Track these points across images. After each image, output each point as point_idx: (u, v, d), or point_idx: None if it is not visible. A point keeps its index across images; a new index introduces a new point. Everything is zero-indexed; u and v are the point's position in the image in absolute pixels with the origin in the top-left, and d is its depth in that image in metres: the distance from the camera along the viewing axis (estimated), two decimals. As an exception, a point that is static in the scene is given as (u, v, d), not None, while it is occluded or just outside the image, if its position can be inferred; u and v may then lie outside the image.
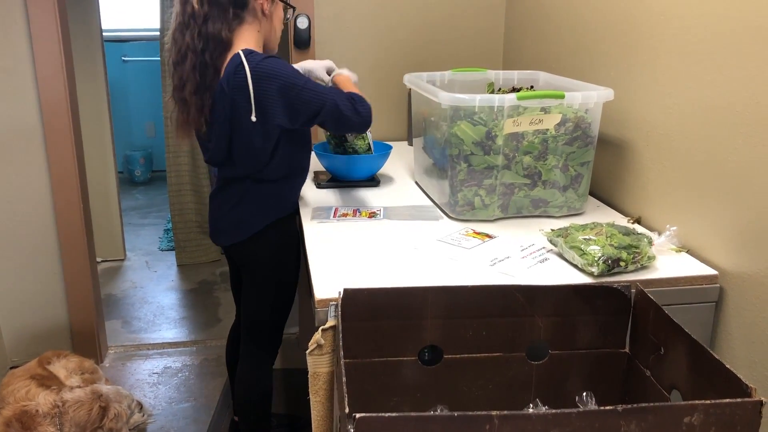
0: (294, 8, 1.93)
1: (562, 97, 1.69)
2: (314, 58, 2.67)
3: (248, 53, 1.71)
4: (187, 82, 1.75)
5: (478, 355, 1.32)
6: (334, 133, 2.09)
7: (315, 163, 2.31)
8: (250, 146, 1.77)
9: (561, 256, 1.56)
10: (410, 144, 2.65)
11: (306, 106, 1.72)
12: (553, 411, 0.91)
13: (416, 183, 2.18)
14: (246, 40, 1.78)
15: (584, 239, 1.50)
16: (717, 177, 1.49)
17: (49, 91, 2.61)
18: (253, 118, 1.71)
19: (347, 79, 1.97)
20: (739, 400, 0.94)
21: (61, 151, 2.67)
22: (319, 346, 1.31)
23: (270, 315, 1.95)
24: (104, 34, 3.80)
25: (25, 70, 2.58)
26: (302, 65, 2.05)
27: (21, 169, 2.68)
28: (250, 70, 1.68)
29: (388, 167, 2.34)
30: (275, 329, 1.98)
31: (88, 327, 2.88)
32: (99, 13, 3.73)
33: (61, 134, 2.65)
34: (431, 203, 1.97)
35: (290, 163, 1.86)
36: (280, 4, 1.86)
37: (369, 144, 2.18)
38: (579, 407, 1.22)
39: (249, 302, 1.95)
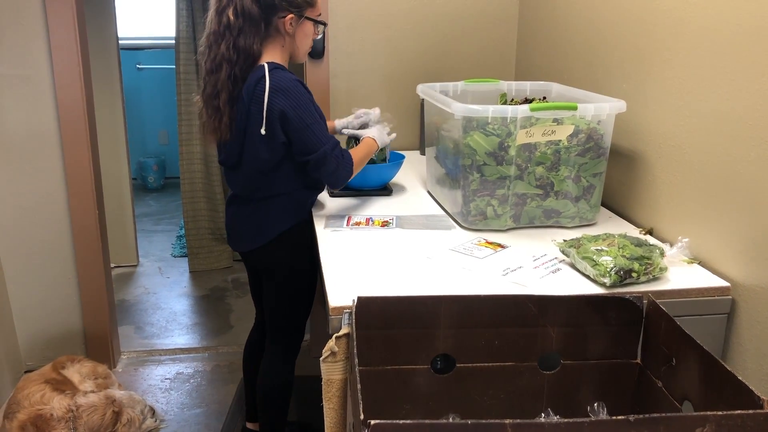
0: (325, 24, 1.96)
1: (575, 108, 1.70)
2: (328, 69, 2.70)
3: (273, 67, 1.78)
4: (222, 91, 1.82)
5: (490, 364, 1.32)
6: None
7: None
8: (258, 157, 1.85)
9: (573, 266, 1.56)
10: (422, 153, 2.66)
11: (300, 142, 1.80)
12: (566, 420, 0.91)
13: (428, 192, 2.19)
14: (271, 53, 1.85)
15: (596, 250, 1.51)
16: (729, 189, 1.50)
17: (67, 98, 2.64)
18: (263, 131, 1.78)
19: (369, 144, 2.03)
20: (751, 411, 0.94)
21: (77, 157, 2.70)
22: (333, 353, 1.32)
23: (290, 312, 2.05)
24: (119, 41, 3.83)
25: (44, 78, 2.62)
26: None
27: (38, 174, 2.71)
28: (270, 85, 1.74)
29: (401, 176, 2.36)
30: (296, 325, 2.08)
31: (101, 332, 2.90)
32: (115, 20, 3.77)
33: (77, 140, 2.69)
34: (444, 213, 1.98)
35: (298, 179, 1.92)
36: (308, 21, 1.89)
37: (386, 158, 2.21)
38: (591, 417, 1.23)
39: (270, 303, 2.06)
